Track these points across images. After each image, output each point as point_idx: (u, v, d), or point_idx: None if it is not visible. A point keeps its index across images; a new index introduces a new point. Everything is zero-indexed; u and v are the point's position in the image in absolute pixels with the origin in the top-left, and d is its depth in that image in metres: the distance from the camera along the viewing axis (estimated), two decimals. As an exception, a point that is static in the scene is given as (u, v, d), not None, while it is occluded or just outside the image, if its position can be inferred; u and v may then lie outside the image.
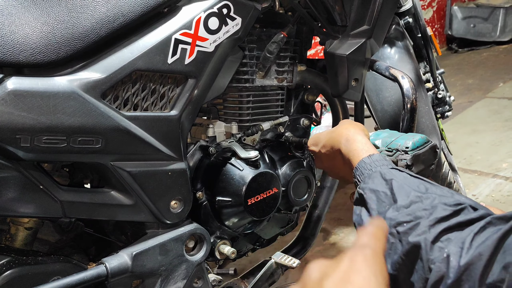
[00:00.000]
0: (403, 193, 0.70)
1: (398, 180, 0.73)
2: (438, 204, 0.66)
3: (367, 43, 1.12)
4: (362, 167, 0.80)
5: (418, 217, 0.65)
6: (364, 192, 0.75)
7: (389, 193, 0.72)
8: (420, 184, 0.72)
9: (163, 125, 0.88)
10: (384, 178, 0.75)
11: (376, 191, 0.73)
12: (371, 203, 0.73)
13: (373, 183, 0.75)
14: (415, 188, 0.71)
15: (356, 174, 0.81)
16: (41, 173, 0.79)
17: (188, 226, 0.97)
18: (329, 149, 0.94)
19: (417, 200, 0.68)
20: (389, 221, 0.68)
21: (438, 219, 0.63)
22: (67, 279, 0.79)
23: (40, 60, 0.73)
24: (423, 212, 0.66)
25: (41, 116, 0.73)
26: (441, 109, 1.68)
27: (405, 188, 0.71)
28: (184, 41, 0.87)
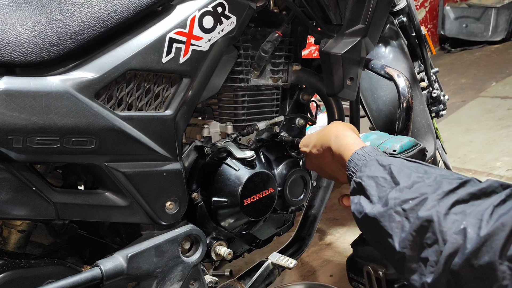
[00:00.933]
0: (403, 175, 0.70)
1: (396, 165, 0.73)
2: (442, 180, 0.66)
3: (362, 42, 1.12)
4: (356, 159, 0.80)
5: (424, 193, 0.65)
6: (361, 179, 0.75)
7: (389, 177, 0.72)
8: (418, 167, 0.72)
9: (158, 125, 0.87)
10: (381, 164, 0.75)
11: (375, 177, 0.73)
12: (370, 189, 0.73)
13: (370, 170, 0.75)
14: (414, 170, 0.70)
15: (350, 166, 0.81)
16: (34, 174, 0.78)
17: (183, 227, 0.96)
18: (319, 148, 0.95)
19: (419, 180, 0.68)
20: (393, 201, 0.68)
21: (446, 192, 0.63)
22: (61, 282, 0.78)
23: (32, 59, 0.72)
24: (428, 188, 0.65)
25: (34, 116, 0.71)
26: (435, 108, 1.68)
27: (405, 170, 0.71)
28: (178, 40, 0.86)
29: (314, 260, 1.90)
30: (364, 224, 0.74)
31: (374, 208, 0.70)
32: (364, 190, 0.74)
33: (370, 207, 0.71)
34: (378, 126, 1.52)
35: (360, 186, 0.75)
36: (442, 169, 0.72)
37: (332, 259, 1.88)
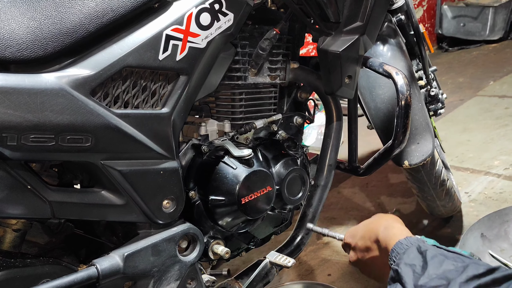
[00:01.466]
0: (436, 262, 0.69)
1: (432, 251, 0.72)
2: (470, 264, 0.65)
3: (361, 40, 1.11)
4: (398, 248, 0.79)
5: (449, 279, 0.64)
6: (398, 267, 0.73)
7: (424, 264, 0.70)
8: (456, 257, 0.70)
9: (155, 123, 0.87)
10: (419, 251, 0.73)
11: (412, 265, 0.72)
12: (406, 277, 0.71)
13: (408, 257, 0.74)
14: (449, 258, 0.69)
15: (392, 256, 0.79)
16: (29, 172, 0.77)
17: (180, 226, 0.95)
18: (366, 240, 0.93)
19: (450, 267, 0.67)
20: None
21: (470, 277, 0.62)
22: (56, 281, 0.77)
23: (26, 56, 0.71)
24: (454, 273, 0.65)
25: (28, 113, 0.70)
26: (434, 106, 1.68)
27: (439, 257, 0.70)
28: (175, 37, 0.85)
29: (312, 259, 1.89)
30: None
31: None
32: (400, 278, 0.72)
33: None
34: (376, 124, 1.52)
35: (397, 273, 0.73)
36: (480, 261, 0.70)
37: (330, 258, 1.87)
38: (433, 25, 5.24)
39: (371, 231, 0.92)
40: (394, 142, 1.16)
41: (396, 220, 0.91)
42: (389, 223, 0.89)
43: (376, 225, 0.91)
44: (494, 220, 1.67)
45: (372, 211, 2.17)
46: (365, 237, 0.94)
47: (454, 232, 1.86)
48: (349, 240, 1.01)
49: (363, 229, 0.96)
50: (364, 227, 0.96)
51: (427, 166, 1.52)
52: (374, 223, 0.93)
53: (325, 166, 1.30)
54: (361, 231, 0.97)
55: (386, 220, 0.92)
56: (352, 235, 1.01)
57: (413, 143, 1.44)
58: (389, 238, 0.84)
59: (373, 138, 2.16)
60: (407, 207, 2.13)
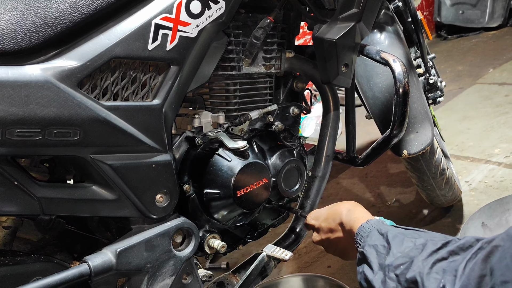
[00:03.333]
0: (397, 241, 0.76)
1: (392, 231, 0.79)
2: (427, 241, 0.71)
3: (357, 27, 1.08)
4: (361, 231, 0.85)
5: (411, 257, 0.70)
6: (364, 249, 0.80)
7: (386, 244, 0.77)
8: (413, 233, 0.77)
9: (145, 115, 0.84)
10: (380, 233, 0.80)
11: (375, 245, 0.79)
12: (371, 257, 0.78)
13: (371, 239, 0.81)
14: (408, 235, 0.76)
15: (357, 240, 0.86)
16: (16, 168, 0.75)
17: (175, 221, 0.94)
18: (330, 222, 0.99)
19: (410, 244, 0.73)
20: (387, 268, 0.73)
21: (429, 253, 0.68)
22: (48, 279, 0.75)
23: (9, 47, 0.68)
24: (415, 251, 0.71)
25: (13, 107, 0.68)
26: (432, 94, 1.65)
27: (399, 236, 0.76)
28: (165, 26, 0.83)
29: (311, 251, 1.88)
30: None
31: (376, 277, 0.75)
32: (366, 259, 0.79)
33: (372, 276, 0.76)
34: (375, 114, 1.49)
35: (363, 255, 0.80)
36: (434, 233, 0.76)
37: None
38: (432, 13, 5.19)
39: (335, 213, 0.97)
40: (392, 131, 1.14)
41: (357, 205, 0.97)
42: (351, 207, 0.95)
43: (339, 208, 0.97)
44: (495, 209, 1.65)
45: (372, 201, 2.15)
46: (329, 219, 0.99)
47: (455, 221, 1.84)
48: (312, 222, 1.06)
49: (327, 212, 1.01)
50: (327, 210, 1.02)
51: (427, 155, 1.50)
52: (336, 206, 0.99)
53: (322, 156, 1.28)
54: (324, 214, 1.02)
55: (349, 204, 0.97)
56: (315, 217, 1.06)
57: (412, 132, 1.41)
58: (353, 221, 0.90)
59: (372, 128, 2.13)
60: (406, 197, 2.11)
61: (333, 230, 0.98)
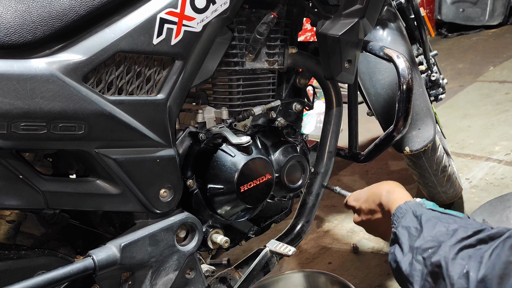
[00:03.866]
0: (429, 225, 0.76)
1: (427, 215, 0.79)
2: (459, 227, 0.71)
3: (360, 23, 1.08)
4: (398, 212, 0.86)
5: (440, 241, 0.71)
6: (397, 230, 0.81)
7: (419, 227, 0.77)
8: (448, 218, 0.77)
9: (150, 110, 0.84)
10: (415, 215, 0.81)
11: (408, 227, 0.79)
12: (403, 238, 0.78)
13: (405, 221, 0.81)
14: (442, 220, 0.76)
15: (393, 220, 0.87)
16: (21, 162, 0.75)
17: (178, 215, 0.94)
18: (370, 203, 1.00)
19: (442, 229, 0.73)
20: (416, 250, 0.73)
21: (459, 239, 0.68)
22: (52, 273, 0.75)
23: (15, 40, 0.68)
24: (445, 236, 0.71)
25: (18, 101, 0.68)
26: (434, 91, 1.65)
27: (432, 220, 0.76)
28: (170, 21, 0.82)
29: (313, 247, 1.88)
30: (396, 273, 0.79)
31: (405, 258, 0.76)
32: (398, 240, 0.79)
33: (401, 257, 0.77)
34: (377, 111, 1.49)
35: (396, 236, 0.81)
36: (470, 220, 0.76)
37: (331, 246, 1.86)
38: (432, 11, 5.19)
39: (375, 194, 0.98)
40: (395, 127, 1.14)
41: (397, 185, 0.97)
42: (391, 188, 0.95)
43: (379, 189, 0.97)
44: (495, 206, 1.65)
45: (373, 198, 2.15)
46: (369, 200, 1.00)
47: (455, 218, 1.84)
48: (353, 203, 1.08)
49: (367, 193, 1.03)
50: (367, 191, 1.03)
51: (428, 152, 1.50)
52: (377, 187, 0.99)
53: (325, 153, 1.28)
54: (364, 195, 1.03)
55: (388, 185, 0.98)
56: (356, 198, 1.07)
57: (414, 128, 1.42)
58: (391, 203, 0.91)
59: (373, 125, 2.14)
60: (407, 194, 2.11)
61: (373, 211, 0.99)
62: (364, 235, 1.89)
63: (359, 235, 1.90)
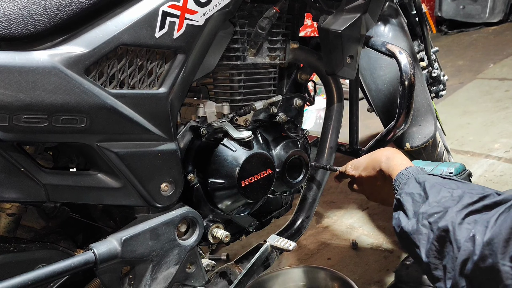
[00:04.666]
0: (434, 191, 0.76)
1: (430, 181, 0.79)
2: (465, 193, 0.71)
3: (362, 18, 1.08)
4: (400, 178, 0.86)
5: (446, 207, 0.71)
6: (400, 196, 0.81)
7: (423, 193, 0.78)
8: (451, 183, 0.77)
9: (152, 103, 0.84)
10: (418, 182, 0.81)
11: (411, 193, 0.79)
12: (407, 204, 0.78)
13: (408, 187, 0.81)
14: (446, 186, 0.76)
15: (395, 186, 0.86)
16: (22, 155, 0.74)
17: (179, 210, 0.93)
18: (370, 171, 0.99)
19: (447, 195, 0.74)
20: (421, 215, 0.74)
21: (465, 205, 0.69)
22: (53, 266, 0.75)
23: (17, 32, 0.68)
24: (451, 202, 0.71)
25: (20, 93, 0.67)
26: (435, 88, 1.65)
27: (437, 186, 0.76)
28: (172, 14, 0.82)
29: (312, 243, 1.88)
30: (401, 237, 0.79)
31: (409, 222, 0.76)
32: (402, 206, 0.80)
33: (406, 222, 0.77)
34: (377, 106, 1.49)
35: (399, 202, 0.81)
36: (474, 184, 0.76)
37: (330, 242, 1.87)
38: (433, 8, 5.18)
39: (374, 161, 0.97)
40: (397, 123, 1.14)
41: (396, 151, 0.96)
42: (390, 154, 0.95)
43: (378, 156, 0.97)
44: (495, 202, 1.65)
45: (372, 194, 2.15)
46: (368, 167, 0.99)
47: (455, 215, 1.84)
48: (351, 172, 1.06)
49: (366, 160, 1.01)
50: (366, 159, 1.02)
51: (429, 148, 1.51)
52: (375, 154, 0.98)
53: (325, 148, 1.28)
54: (363, 163, 1.02)
55: (388, 151, 0.96)
56: (354, 167, 1.06)
57: (415, 125, 1.42)
58: (392, 169, 0.90)
59: (372, 121, 2.14)
60: (407, 190, 2.11)
61: (374, 178, 0.98)
62: (363, 231, 1.90)
63: (358, 231, 1.90)
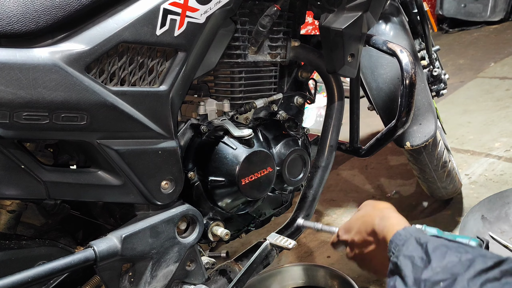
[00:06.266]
0: (438, 254, 0.66)
1: (433, 242, 0.69)
2: (477, 257, 0.62)
3: (364, 17, 1.08)
4: (396, 239, 0.75)
5: (455, 273, 0.62)
6: (398, 259, 0.71)
7: (425, 256, 0.68)
8: (459, 247, 0.67)
9: (152, 101, 0.84)
10: (419, 243, 0.70)
11: (411, 256, 0.69)
12: (406, 269, 0.68)
13: (407, 249, 0.71)
14: (452, 249, 0.67)
15: (391, 248, 0.75)
16: (22, 152, 0.74)
17: (179, 207, 0.94)
18: (363, 233, 0.88)
19: (454, 258, 0.64)
20: (424, 283, 0.64)
21: (478, 271, 0.60)
22: (53, 263, 0.75)
23: (17, 29, 0.68)
24: (460, 268, 0.62)
25: (20, 90, 0.67)
26: (436, 87, 1.65)
27: (441, 248, 0.67)
28: (173, 12, 0.82)
29: (311, 241, 1.88)
30: None
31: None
32: (399, 271, 0.69)
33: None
34: (378, 105, 1.49)
35: (396, 266, 0.71)
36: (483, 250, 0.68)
37: (329, 240, 1.86)
38: (434, 6, 5.17)
39: (366, 223, 0.87)
40: (397, 122, 1.14)
41: (390, 209, 0.87)
42: (385, 213, 0.85)
43: (371, 216, 0.87)
44: (494, 202, 1.66)
45: (372, 193, 2.16)
46: (361, 230, 0.89)
47: (454, 214, 1.85)
48: (344, 237, 0.95)
49: (357, 222, 0.91)
50: (358, 221, 0.91)
51: (429, 147, 1.50)
52: (368, 215, 0.89)
53: (326, 147, 1.28)
54: (355, 225, 0.91)
55: (381, 210, 0.87)
56: (346, 230, 0.95)
57: (415, 123, 1.41)
58: (387, 230, 0.80)
59: (372, 120, 2.14)
60: (406, 189, 2.12)
61: (367, 242, 0.87)
62: (363, 229, 1.90)
63: (358, 229, 1.90)
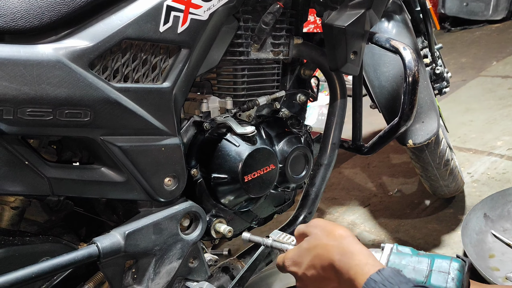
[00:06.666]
0: None
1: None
2: None
3: (367, 14, 1.08)
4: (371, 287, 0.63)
5: None
6: None
7: None
8: None
9: (155, 98, 0.84)
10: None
11: None
12: None
13: None
14: None
15: None
16: (27, 148, 0.75)
17: (182, 204, 0.94)
18: (318, 269, 0.76)
19: None
20: None
21: None
22: (56, 259, 0.75)
23: (21, 26, 0.68)
24: None
25: (24, 86, 0.68)
26: (438, 85, 1.65)
27: None
28: (176, 8, 0.82)
29: (313, 239, 1.88)
30: None
31: None
32: None
33: None
34: (381, 103, 1.49)
35: None
36: None
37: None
38: (436, 5, 5.16)
39: (321, 257, 0.75)
40: (400, 119, 1.13)
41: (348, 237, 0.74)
42: (345, 246, 0.72)
43: (326, 249, 0.74)
44: (497, 200, 1.66)
45: (374, 191, 2.16)
46: (315, 265, 0.76)
47: (457, 212, 1.85)
48: (293, 269, 0.81)
49: (309, 254, 0.78)
50: (309, 252, 0.78)
51: (432, 146, 1.50)
52: (321, 246, 0.76)
53: (328, 144, 1.28)
54: (306, 258, 0.78)
55: (338, 241, 0.74)
56: (295, 262, 0.81)
57: (418, 121, 1.41)
58: (354, 271, 0.68)
59: (374, 118, 2.13)
60: (408, 187, 2.12)
61: (324, 278, 0.75)
62: (365, 227, 1.90)
63: (360, 228, 1.90)
